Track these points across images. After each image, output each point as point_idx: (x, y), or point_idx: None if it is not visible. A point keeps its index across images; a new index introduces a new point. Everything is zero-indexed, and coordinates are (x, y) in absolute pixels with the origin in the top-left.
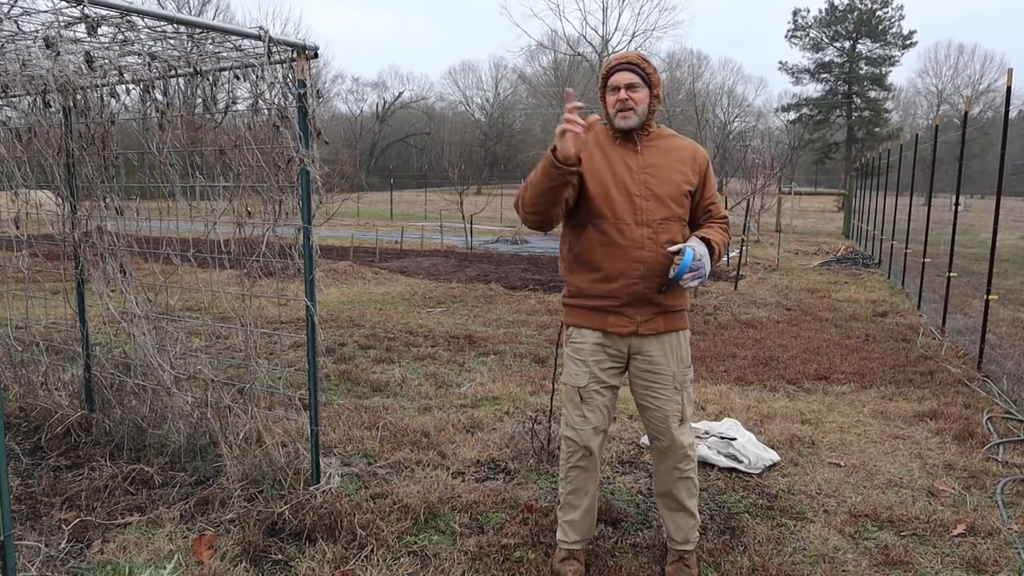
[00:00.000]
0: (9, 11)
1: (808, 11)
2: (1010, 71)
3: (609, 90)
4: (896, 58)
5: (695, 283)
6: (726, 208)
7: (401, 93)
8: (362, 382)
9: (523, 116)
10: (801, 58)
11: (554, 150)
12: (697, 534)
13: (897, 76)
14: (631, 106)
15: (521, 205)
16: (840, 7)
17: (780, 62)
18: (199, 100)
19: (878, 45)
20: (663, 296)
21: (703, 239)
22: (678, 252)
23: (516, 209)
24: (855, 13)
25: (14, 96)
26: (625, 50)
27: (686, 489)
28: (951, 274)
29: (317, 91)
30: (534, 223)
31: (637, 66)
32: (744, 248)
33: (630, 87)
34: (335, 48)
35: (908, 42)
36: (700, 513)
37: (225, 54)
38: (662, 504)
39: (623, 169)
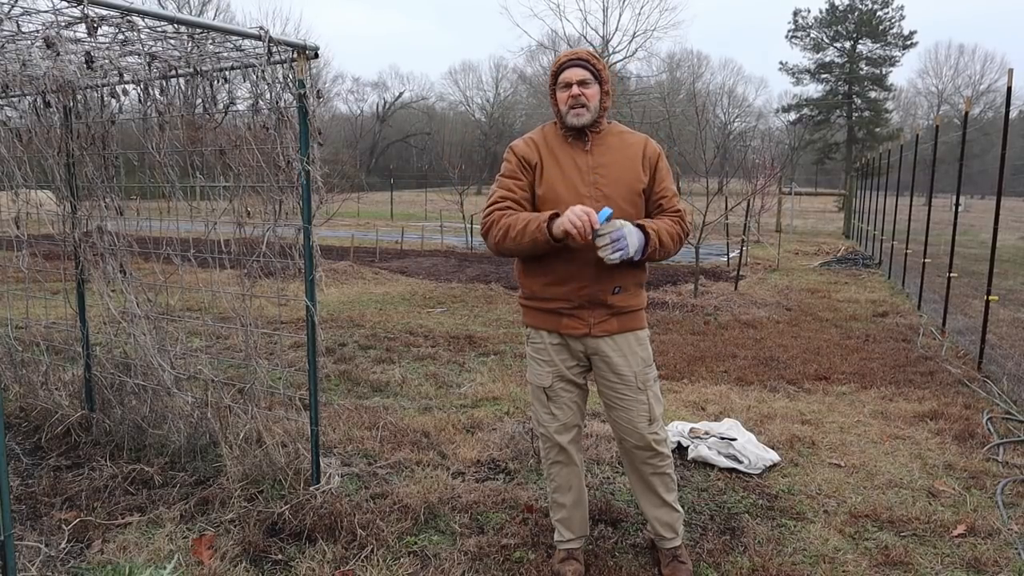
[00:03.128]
0: (9, 11)
1: (808, 11)
2: (1010, 71)
3: (560, 87)
4: (896, 58)
5: (615, 256)
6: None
7: (401, 93)
8: (362, 382)
9: (523, 116)
10: (801, 58)
11: (550, 226)
12: (682, 527)
13: (898, 76)
14: (584, 102)
15: (496, 245)
16: (840, 7)
17: (780, 62)
18: (199, 100)
19: (878, 45)
20: (616, 298)
21: (638, 225)
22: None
23: (484, 237)
24: (855, 13)
25: (14, 96)
26: (625, 50)
27: (663, 484)
28: (951, 274)
29: (317, 91)
30: (506, 256)
31: (588, 62)
32: (744, 248)
33: (582, 83)
34: (335, 48)
35: (908, 42)
36: (700, 513)
37: (225, 54)
38: (645, 503)
39: (572, 170)
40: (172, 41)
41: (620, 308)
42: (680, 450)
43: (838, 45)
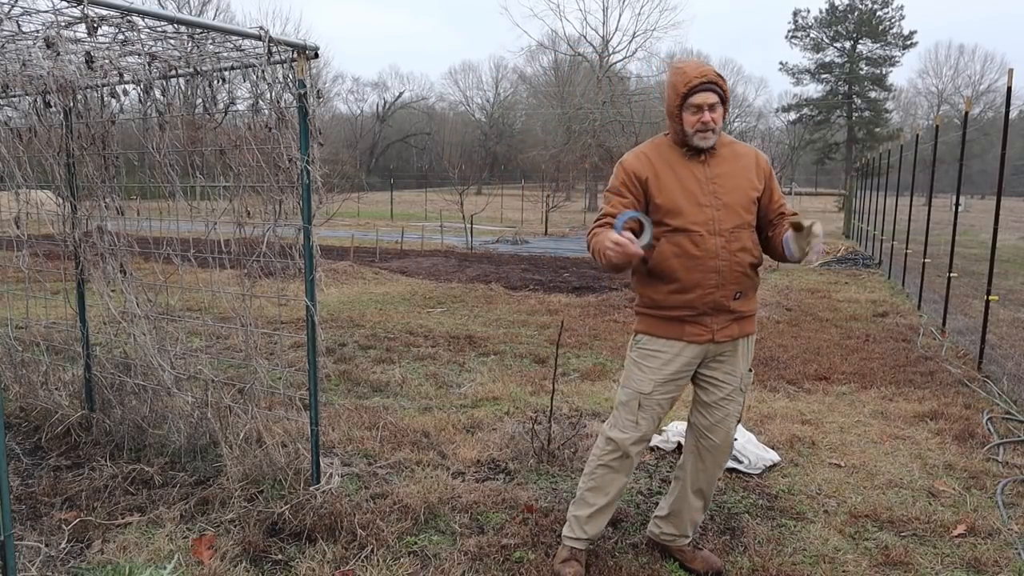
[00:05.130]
0: (9, 11)
1: (808, 11)
2: (1010, 71)
3: (689, 108)
4: (896, 58)
5: (815, 256)
6: None
7: (401, 93)
8: (362, 382)
9: (523, 116)
10: (801, 58)
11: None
12: None
13: (897, 76)
14: (712, 127)
15: (594, 259)
16: (840, 7)
17: (780, 62)
18: (199, 100)
19: (878, 45)
20: (737, 303)
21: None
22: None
23: (588, 248)
24: (855, 13)
25: (14, 96)
26: (625, 50)
27: (715, 483)
28: (951, 274)
29: (317, 91)
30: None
31: (717, 84)
32: None
33: (712, 108)
34: (336, 48)
35: (908, 42)
36: None
37: (225, 54)
38: (695, 504)
39: (691, 181)
40: (172, 41)
41: (741, 313)
42: (680, 450)
43: (838, 45)
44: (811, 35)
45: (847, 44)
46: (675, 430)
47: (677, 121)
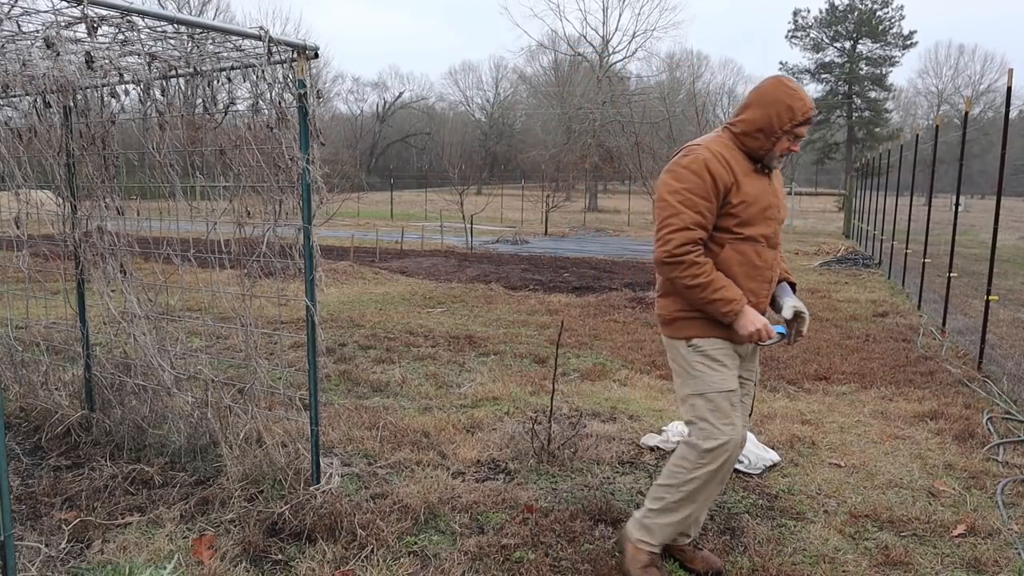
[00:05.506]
0: (9, 11)
1: (808, 11)
2: (1010, 71)
3: (791, 137)
4: (896, 58)
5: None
6: None
7: (401, 93)
8: (362, 382)
9: (523, 116)
10: (801, 58)
11: (734, 320)
12: None
13: (897, 76)
14: None
15: (677, 282)
16: (840, 7)
17: (780, 62)
18: (199, 100)
19: (878, 45)
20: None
21: (791, 284)
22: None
23: (665, 262)
24: (855, 13)
25: (14, 96)
26: (625, 50)
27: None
28: (951, 274)
29: (317, 91)
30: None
31: None
32: None
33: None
34: (336, 48)
35: (908, 42)
36: None
37: (225, 54)
38: (706, 504)
39: (764, 194)
40: (172, 41)
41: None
42: None
43: (838, 45)
44: (811, 35)
45: (847, 44)
46: (675, 430)
47: (771, 141)
